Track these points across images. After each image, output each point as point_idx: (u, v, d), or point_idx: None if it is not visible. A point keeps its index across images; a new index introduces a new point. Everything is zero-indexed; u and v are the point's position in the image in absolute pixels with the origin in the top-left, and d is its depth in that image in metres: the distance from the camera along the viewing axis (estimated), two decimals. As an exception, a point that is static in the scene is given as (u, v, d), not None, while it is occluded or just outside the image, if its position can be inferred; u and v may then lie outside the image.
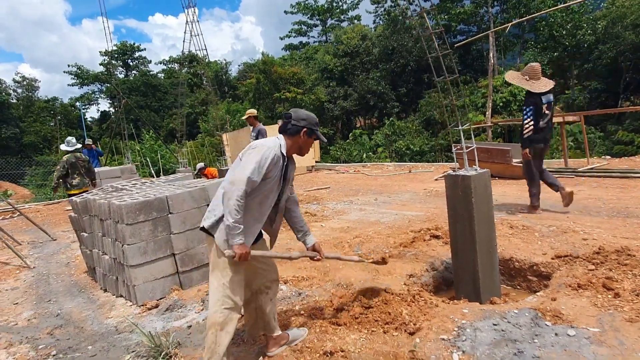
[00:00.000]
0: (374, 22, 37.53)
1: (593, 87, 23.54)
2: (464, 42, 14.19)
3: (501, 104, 21.14)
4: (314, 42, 43.99)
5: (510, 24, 9.39)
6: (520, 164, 8.15)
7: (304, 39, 44.70)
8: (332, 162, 20.54)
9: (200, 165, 12.55)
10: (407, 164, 13.98)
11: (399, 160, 19.88)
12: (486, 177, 3.63)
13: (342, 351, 2.66)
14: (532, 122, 5.50)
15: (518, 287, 4.09)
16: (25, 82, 44.18)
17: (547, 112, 5.56)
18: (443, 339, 2.68)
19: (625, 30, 22.07)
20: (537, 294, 3.45)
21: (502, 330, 2.69)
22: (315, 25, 43.20)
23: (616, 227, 4.59)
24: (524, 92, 18.33)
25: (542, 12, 17.45)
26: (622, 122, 20.63)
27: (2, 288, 5.36)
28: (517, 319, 2.79)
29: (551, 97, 5.63)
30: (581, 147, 16.61)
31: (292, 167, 2.79)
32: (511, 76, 6.00)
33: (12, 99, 42.44)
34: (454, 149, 3.76)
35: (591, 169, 8.14)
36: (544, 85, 5.54)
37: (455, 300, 3.48)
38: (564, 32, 23.73)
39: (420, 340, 2.70)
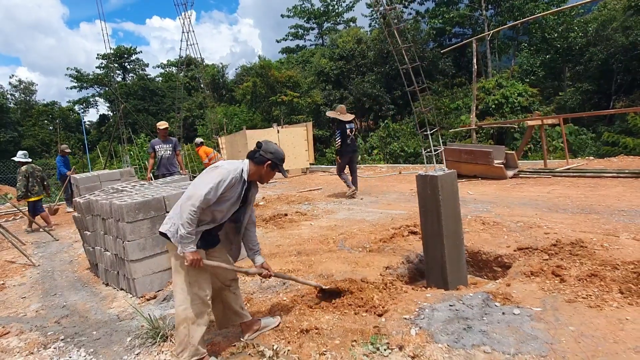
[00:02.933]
0: (370, 25, 38.04)
1: (585, 88, 23.95)
2: (450, 47, 14.61)
3: (493, 106, 21.55)
4: (311, 45, 44.46)
5: (492, 30, 9.76)
6: (502, 165, 8.61)
7: (301, 42, 45.19)
8: (327, 165, 20.92)
9: (198, 140, 12.53)
10: (399, 166, 14.36)
11: (393, 162, 20.28)
12: (452, 177, 4.00)
13: (316, 329, 3.05)
14: (340, 140, 8.66)
15: (485, 277, 4.47)
16: (22, 86, 44.58)
17: (350, 134, 8.64)
18: (405, 318, 3.06)
19: (615, 33, 22.54)
20: (497, 281, 3.84)
21: (456, 310, 3.07)
22: (312, 29, 43.67)
23: (577, 222, 4.98)
24: (516, 95, 18.67)
25: (533, 16, 17.92)
26: (613, 123, 21.04)
27: (10, 284, 5.71)
28: (471, 301, 3.17)
29: (352, 124, 8.77)
30: (571, 148, 17.06)
31: (254, 191, 3.06)
32: (330, 113, 9.23)
33: (10, 103, 42.80)
34: (423, 152, 4.15)
35: (568, 169, 8.56)
36: (348, 117, 8.73)
37: (424, 288, 3.86)
38: (555, 35, 24.21)
39: (385, 320, 3.09)
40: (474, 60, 11.86)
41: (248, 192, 2.97)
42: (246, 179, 2.88)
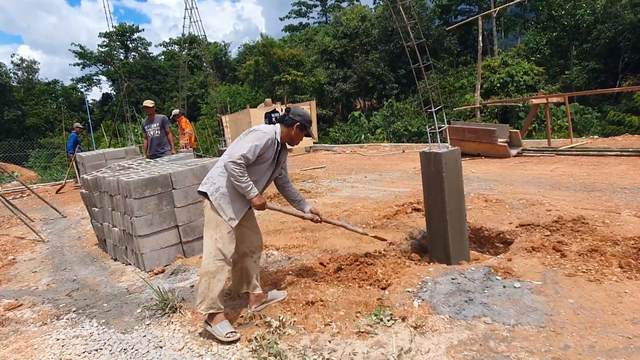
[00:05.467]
0: (374, 2, 37.49)
1: (592, 67, 23.63)
2: (456, 24, 14.41)
3: (498, 85, 21.38)
4: (314, 23, 43.99)
5: (499, 7, 9.60)
6: (506, 143, 8.59)
7: (304, 20, 44.66)
8: (331, 143, 20.89)
9: (175, 111, 11.99)
10: (402, 145, 14.36)
11: (397, 141, 20.23)
12: (456, 154, 4.03)
13: (321, 301, 3.13)
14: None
15: (487, 252, 4.54)
16: (24, 65, 44.29)
17: (274, 121, 10.71)
18: (408, 291, 3.14)
19: (624, 10, 22.12)
20: (498, 256, 3.91)
21: (458, 283, 3.15)
22: (315, 6, 43.10)
23: (579, 199, 5.03)
24: (521, 73, 18.72)
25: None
26: (619, 102, 20.84)
27: (20, 259, 5.84)
28: (473, 275, 3.25)
29: (277, 113, 10.34)
30: (576, 127, 16.96)
31: (285, 152, 3.29)
32: (260, 106, 11.32)
33: (13, 82, 42.61)
34: (428, 130, 4.16)
35: (571, 147, 8.56)
36: (271, 108, 11.29)
37: (427, 263, 3.93)
38: (563, 12, 23.78)
39: (389, 293, 3.17)
40: (480, 38, 11.73)
41: (280, 153, 3.20)
42: (279, 141, 3.11)
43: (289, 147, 3.33)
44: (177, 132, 12.55)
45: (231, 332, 2.88)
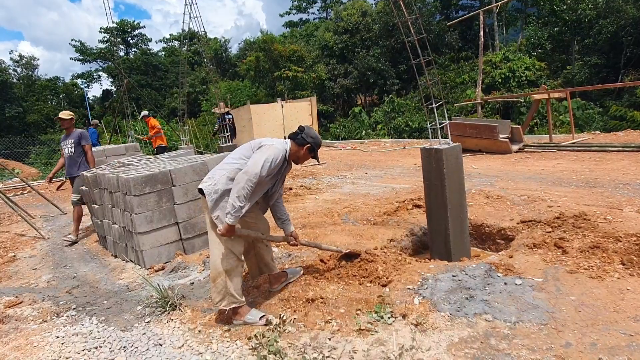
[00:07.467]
0: (375, -3, 37.30)
1: (593, 62, 23.50)
2: (457, 20, 14.33)
3: (500, 80, 21.29)
4: (314, 18, 43.84)
5: (500, 2, 9.57)
6: (507, 139, 8.56)
7: (304, 16, 44.54)
8: (332, 140, 20.84)
9: (144, 112, 12.75)
10: (403, 141, 14.33)
11: (397, 137, 20.18)
12: (457, 150, 4.01)
13: (321, 298, 3.12)
14: (218, 126, 11.85)
15: (488, 249, 4.53)
16: (23, 61, 44.24)
17: (228, 122, 11.33)
18: (409, 288, 3.13)
19: (626, 4, 21.98)
20: (499, 253, 3.90)
21: (459, 280, 3.13)
22: (315, 2, 42.95)
23: (581, 195, 5.01)
24: (523, 68, 18.72)
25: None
26: (621, 97, 20.74)
27: (20, 256, 5.83)
28: (474, 272, 3.23)
29: (230, 115, 11.88)
30: (578, 123, 16.89)
31: (288, 168, 3.25)
32: (214, 109, 12.33)
33: (13, 79, 42.56)
34: (428, 126, 4.14)
35: (573, 143, 8.52)
36: (224, 110, 11.51)
37: (427, 260, 3.91)
38: (564, 7, 23.63)
39: (389, 290, 3.15)
40: (481, 33, 11.66)
41: (284, 170, 3.19)
42: (287, 158, 3.11)
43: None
44: (147, 133, 13.32)
45: (263, 316, 3.00)
